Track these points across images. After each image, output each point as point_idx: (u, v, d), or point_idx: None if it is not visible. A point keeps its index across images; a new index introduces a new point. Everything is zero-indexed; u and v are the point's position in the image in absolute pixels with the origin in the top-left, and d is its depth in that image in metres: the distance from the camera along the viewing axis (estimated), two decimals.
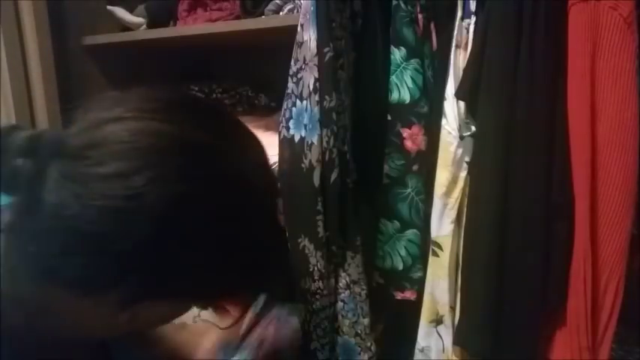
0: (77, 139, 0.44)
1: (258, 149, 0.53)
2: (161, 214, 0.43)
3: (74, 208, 0.41)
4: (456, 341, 0.91)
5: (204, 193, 0.45)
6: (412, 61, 0.91)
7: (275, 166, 0.94)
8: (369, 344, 0.98)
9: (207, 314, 1.23)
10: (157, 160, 0.43)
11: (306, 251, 0.93)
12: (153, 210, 0.42)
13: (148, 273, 0.45)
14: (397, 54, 0.92)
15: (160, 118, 0.45)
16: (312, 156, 0.90)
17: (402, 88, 0.92)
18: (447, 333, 0.92)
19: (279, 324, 1.04)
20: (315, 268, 0.94)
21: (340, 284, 0.97)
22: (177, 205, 0.43)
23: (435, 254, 0.91)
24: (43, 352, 0.51)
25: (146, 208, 0.42)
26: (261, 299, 1.15)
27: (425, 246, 0.94)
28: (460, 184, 0.88)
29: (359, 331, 0.97)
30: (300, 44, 0.93)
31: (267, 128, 1.16)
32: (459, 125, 0.87)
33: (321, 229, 0.92)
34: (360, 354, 0.98)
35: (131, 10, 1.39)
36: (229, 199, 0.47)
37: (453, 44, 0.87)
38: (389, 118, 0.94)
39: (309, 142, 0.91)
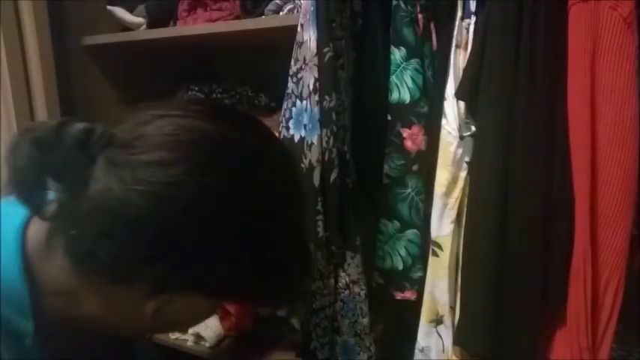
0: (127, 133, 0.47)
1: (290, 157, 0.58)
2: (194, 203, 0.46)
3: (117, 192, 0.44)
4: (456, 341, 0.91)
5: (236, 188, 0.48)
6: (412, 61, 0.91)
7: None
8: (368, 344, 0.98)
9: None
10: (196, 153, 0.47)
11: None
12: (187, 198, 0.45)
13: (174, 260, 0.47)
14: (397, 54, 0.92)
15: (203, 117, 0.49)
16: (312, 156, 0.90)
17: (402, 88, 0.92)
18: (447, 333, 0.92)
19: None
20: (315, 268, 0.94)
21: (340, 284, 0.97)
22: (211, 197, 0.46)
23: (435, 254, 0.91)
24: (72, 350, 0.53)
25: (182, 196, 0.45)
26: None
27: (425, 246, 0.94)
28: (460, 184, 0.88)
29: (358, 331, 0.97)
30: (300, 44, 0.93)
31: None
32: (459, 125, 0.87)
33: (320, 229, 0.92)
34: (359, 354, 0.98)
35: (131, 10, 1.38)
36: (259, 198, 0.50)
37: (453, 44, 0.87)
38: (389, 118, 0.94)
39: (309, 142, 0.91)
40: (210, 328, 1.25)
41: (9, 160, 0.45)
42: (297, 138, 0.93)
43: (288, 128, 0.95)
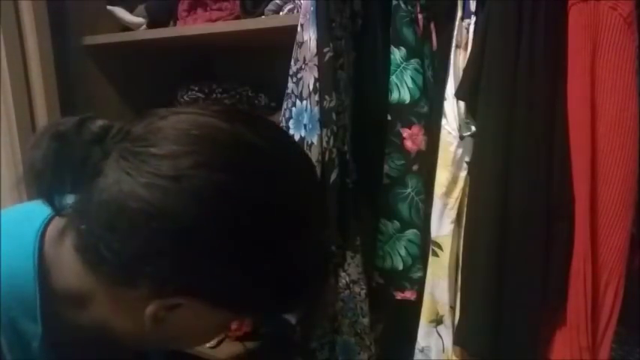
0: (141, 128, 0.47)
1: (309, 166, 0.56)
2: (200, 199, 0.45)
3: (124, 185, 0.44)
4: (456, 341, 0.91)
5: (245, 189, 0.46)
6: (412, 61, 0.91)
7: None
8: (368, 343, 0.98)
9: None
10: (207, 148, 0.46)
11: None
12: (193, 193, 0.44)
13: (176, 259, 0.46)
14: (397, 54, 0.92)
15: (219, 117, 0.48)
16: (312, 156, 0.90)
17: (402, 88, 0.92)
18: (447, 333, 0.92)
19: None
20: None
21: (340, 284, 0.97)
22: (217, 194, 0.45)
23: (435, 254, 0.91)
24: (79, 356, 0.53)
25: (187, 190, 0.44)
26: None
27: (425, 246, 0.94)
28: (460, 184, 0.88)
29: (358, 331, 0.97)
30: (300, 44, 0.93)
31: None
32: (459, 125, 0.87)
33: None
34: (359, 353, 0.98)
35: (131, 10, 1.39)
36: (272, 202, 0.47)
37: (453, 44, 0.87)
38: (389, 118, 0.94)
39: (309, 142, 0.91)
40: None
41: (30, 153, 0.45)
42: (297, 138, 0.93)
43: (288, 128, 0.95)
